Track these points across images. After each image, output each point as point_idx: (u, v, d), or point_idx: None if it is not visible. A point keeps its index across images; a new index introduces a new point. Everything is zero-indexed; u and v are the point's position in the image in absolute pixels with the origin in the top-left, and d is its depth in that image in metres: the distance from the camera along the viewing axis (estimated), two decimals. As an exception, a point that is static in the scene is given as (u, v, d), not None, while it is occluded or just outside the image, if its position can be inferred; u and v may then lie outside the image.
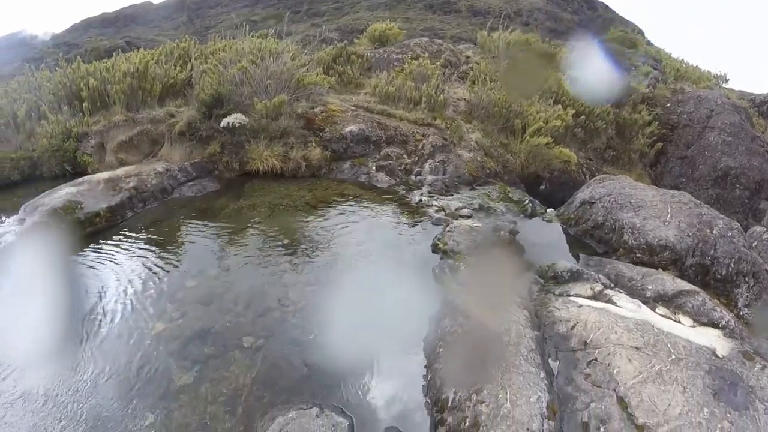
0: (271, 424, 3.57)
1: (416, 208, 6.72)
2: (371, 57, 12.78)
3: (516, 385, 3.79)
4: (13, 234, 6.75)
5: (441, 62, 12.01)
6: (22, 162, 10.58)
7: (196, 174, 8.29)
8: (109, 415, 3.93)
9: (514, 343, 4.23)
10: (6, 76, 19.38)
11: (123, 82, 10.42)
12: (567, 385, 4.03)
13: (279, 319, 4.79)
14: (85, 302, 5.29)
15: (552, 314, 4.78)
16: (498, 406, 3.59)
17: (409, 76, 10.44)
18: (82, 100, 10.98)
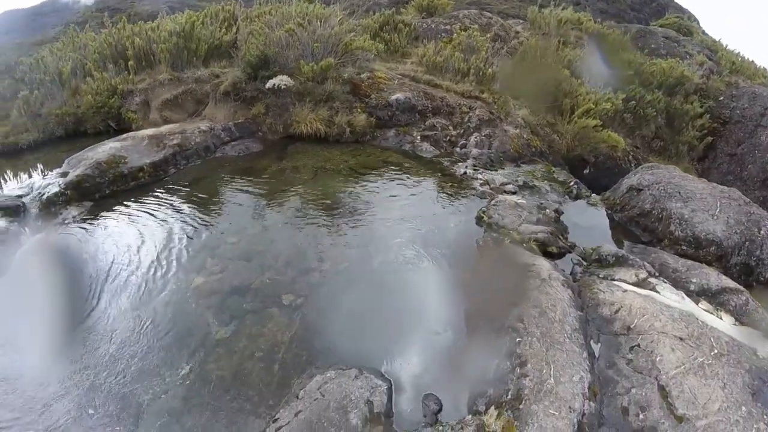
0: (309, 382, 3.57)
1: (460, 180, 6.62)
2: (418, 26, 12.56)
3: (560, 363, 3.73)
4: (57, 185, 6.86)
5: (490, 35, 11.73)
6: (67, 118, 10.82)
7: (240, 134, 8.33)
8: (146, 362, 4.01)
9: (559, 320, 4.16)
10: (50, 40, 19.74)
11: (169, 42, 10.50)
12: (608, 369, 3.95)
13: (319, 279, 4.78)
14: (125, 253, 5.40)
15: (596, 296, 4.68)
16: (541, 381, 3.54)
17: (458, 47, 10.23)
18: (127, 59, 11.12)
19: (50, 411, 3.60)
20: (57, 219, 6.47)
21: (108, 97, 10.37)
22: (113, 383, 3.83)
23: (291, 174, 7.00)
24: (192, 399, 3.66)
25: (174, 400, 3.66)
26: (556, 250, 5.40)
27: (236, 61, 10.09)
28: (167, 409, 3.59)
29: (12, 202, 6.58)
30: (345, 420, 3.20)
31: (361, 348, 3.98)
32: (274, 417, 3.36)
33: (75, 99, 10.94)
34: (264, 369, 3.86)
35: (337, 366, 3.71)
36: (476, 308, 4.40)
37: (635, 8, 34.55)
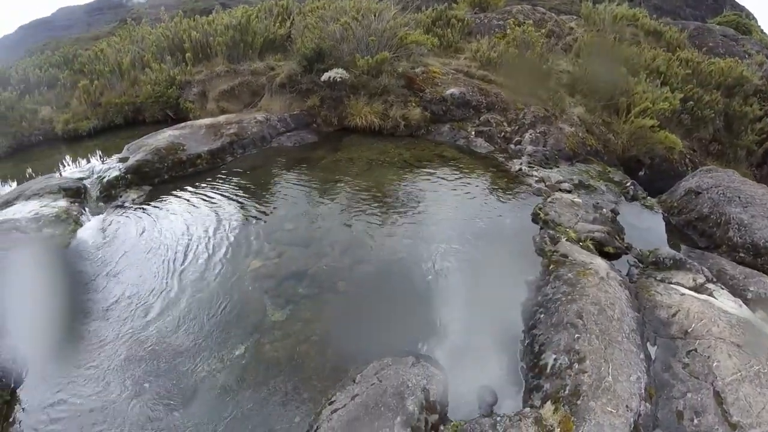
0: (365, 367, 3.64)
1: (515, 177, 6.59)
2: (471, 21, 12.50)
3: (618, 361, 3.70)
4: (117, 170, 7.15)
5: (545, 31, 11.59)
6: (126, 107, 11.29)
7: (295, 125, 8.50)
8: (202, 340, 4.15)
9: (617, 318, 4.12)
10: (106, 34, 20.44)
11: (225, 35, 10.80)
12: (664, 372, 3.90)
13: (375, 268, 4.85)
14: (183, 235, 5.61)
15: (653, 299, 4.61)
16: (600, 378, 3.52)
17: (512, 42, 10.15)
18: (184, 51, 11.51)
19: (106, 384, 3.75)
20: (116, 201, 6.74)
21: (166, 87, 10.75)
22: (170, 358, 3.98)
23: (346, 165, 7.10)
24: (247, 378, 3.77)
25: (229, 378, 3.77)
26: (612, 251, 5.33)
27: (291, 54, 10.30)
28: (222, 386, 3.70)
29: (73, 184, 6.89)
30: (402, 406, 3.24)
31: (417, 337, 4.02)
32: (329, 399, 3.43)
33: (134, 89, 11.39)
34: (318, 353, 3.94)
35: (394, 353, 3.76)
36: (532, 303, 4.41)
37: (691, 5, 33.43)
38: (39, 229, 5.91)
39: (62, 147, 10.84)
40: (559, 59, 10.98)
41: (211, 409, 3.54)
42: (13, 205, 6.54)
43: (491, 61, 9.65)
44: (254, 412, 3.50)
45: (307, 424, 3.31)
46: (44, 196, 6.65)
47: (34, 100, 12.10)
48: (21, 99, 11.83)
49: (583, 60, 10.46)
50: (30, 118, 11.39)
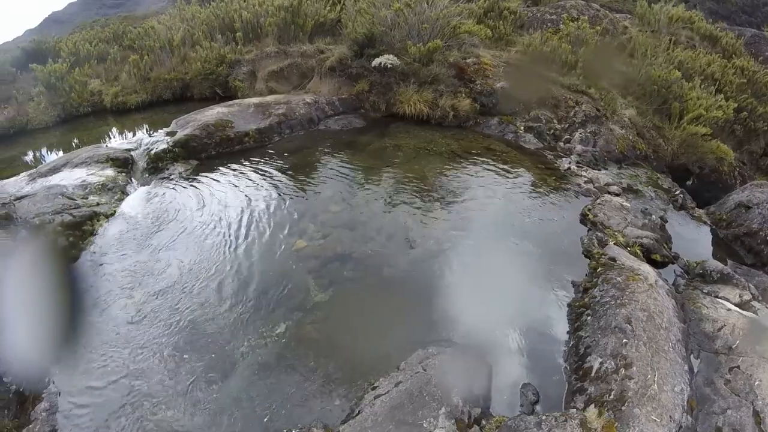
0: (409, 355, 3.63)
1: (563, 175, 6.47)
2: (524, 14, 12.26)
3: (663, 370, 3.63)
4: (165, 143, 7.24)
5: (599, 29, 11.30)
6: (175, 83, 11.49)
7: (343, 109, 8.50)
8: (244, 315, 4.19)
9: (665, 327, 4.04)
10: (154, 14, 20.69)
11: (276, 16, 10.84)
12: (706, 386, 3.83)
13: (420, 256, 4.82)
14: (228, 210, 5.67)
15: (699, 311, 4.51)
16: (646, 386, 3.46)
17: (566, 38, 9.92)
18: (234, 31, 11.63)
19: (142, 352, 3.82)
20: (163, 174, 6.82)
21: (216, 65, 10.88)
22: (211, 331, 4.02)
23: (393, 152, 7.08)
24: (286, 357, 3.79)
25: (269, 355, 3.80)
26: (660, 259, 5.21)
27: (340, 38, 10.28)
28: (261, 363, 3.73)
29: (121, 155, 7.01)
30: (446, 397, 3.23)
31: (459, 329, 3.98)
32: (372, 384, 3.43)
33: (183, 66, 11.56)
34: (360, 336, 3.96)
35: (438, 343, 3.76)
36: (579, 304, 4.33)
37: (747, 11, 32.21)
38: (85, 196, 6.03)
39: (110, 119, 11.08)
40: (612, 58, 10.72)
41: (250, 386, 3.57)
42: (60, 172, 6.66)
43: (543, 56, 9.45)
44: (293, 392, 3.51)
45: (348, 407, 3.32)
46: (92, 164, 6.77)
47: (83, 73, 12.37)
48: (71, 71, 12.08)
49: (638, 60, 10.17)
50: (79, 90, 11.64)
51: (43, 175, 6.64)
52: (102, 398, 3.52)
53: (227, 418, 3.33)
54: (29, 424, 3.39)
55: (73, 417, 3.42)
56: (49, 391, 3.62)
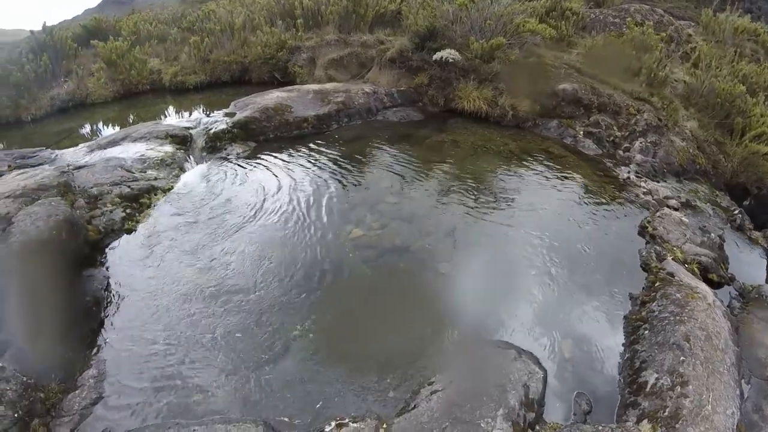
0: (467, 352, 3.65)
1: (622, 185, 6.30)
2: (586, 16, 11.94)
3: (718, 392, 3.54)
4: (224, 123, 7.34)
5: (664, 36, 10.92)
6: (234, 65, 11.67)
7: (401, 101, 8.48)
8: (299, 298, 4.21)
9: (721, 349, 3.92)
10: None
11: (338, 4, 10.87)
12: (754, 413, 3.74)
13: (478, 253, 4.77)
14: (285, 194, 5.71)
15: (753, 336, 4.40)
16: (700, 406, 3.37)
17: (629, 43, 9.63)
18: (295, 17, 11.69)
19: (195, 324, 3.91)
20: (221, 153, 6.92)
21: (276, 50, 10.99)
22: (263, 312, 4.05)
23: (451, 147, 7.03)
24: (339, 345, 3.79)
25: (321, 341, 3.81)
26: (716, 279, 5.03)
27: (400, 30, 10.23)
28: (314, 349, 3.74)
29: (180, 132, 7.13)
30: (504, 398, 3.20)
31: (515, 332, 3.94)
32: (429, 380, 3.42)
33: (242, 49, 11.72)
34: (416, 330, 3.91)
35: (496, 343, 3.73)
36: (636, 317, 4.24)
37: (814, 25, 30.69)
38: (144, 170, 6.15)
39: (168, 97, 11.33)
40: (676, 67, 10.36)
41: (301, 370, 3.57)
42: (119, 145, 6.82)
43: (606, 60, 9.17)
44: (346, 380, 3.50)
45: (403, 400, 3.31)
46: (151, 140, 6.91)
47: (144, 52, 12.67)
48: (131, 49, 12.37)
49: (702, 71, 9.80)
50: (139, 68, 11.93)
51: (102, 147, 6.81)
52: (150, 368, 3.58)
53: (279, 401, 3.34)
54: (75, 389, 3.44)
55: (121, 387, 3.47)
56: (98, 359, 3.69)
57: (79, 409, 3.30)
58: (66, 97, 11.32)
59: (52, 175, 5.55)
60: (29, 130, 10.34)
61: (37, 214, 4.59)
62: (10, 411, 3.10)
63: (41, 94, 11.34)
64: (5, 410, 3.09)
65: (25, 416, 3.17)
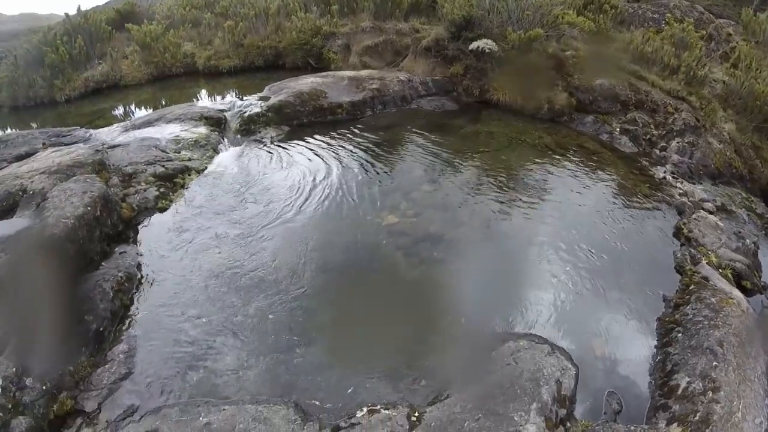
0: (500, 346, 3.58)
1: (658, 185, 6.16)
2: (624, 10, 11.64)
3: (748, 400, 3.47)
4: (258, 107, 7.36)
5: (704, 34, 10.60)
6: (268, 50, 11.70)
7: (436, 90, 8.40)
8: (330, 286, 4.20)
9: (753, 357, 3.84)
10: None
11: (374, -9, 10.73)
12: None
13: (514, 247, 4.72)
14: (319, 178, 5.71)
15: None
16: (731, 412, 3.31)
17: (669, 39, 9.37)
18: (329, 3, 11.61)
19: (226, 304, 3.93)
20: (255, 136, 6.95)
21: (311, 36, 10.97)
22: (295, 296, 4.05)
23: (485, 138, 6.95)
24: (371, 331, 3.78)
25: (352, 326, 3.83)
26: (749, 286, 4.90)
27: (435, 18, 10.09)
28: (345, 333, 3.76)
29: (215, 114, 7.18)
30: (537, 393, 3.18)
31: (548, 326, 3.90)
32: (462, 370, 3.40)
33: (277, 34, 11.73)
34: (449, 319, 3.87)
35: (529, 337, 3.69)
36: (669, 319, 4.16)
37: None
38: (178, 150, 6.20)
39: (201, 81, 11.43)
40: (715, 67, 10.07)
41: (332, 355, 3.56)
42: (154, 126, 6.89)
43: (644, 56, 8.97)
44: (377, 367, 3.48)
45: (435, 390, 3.29)
46: (185, 121, 6.96)
47: (177, 35, 12.73)
48: (165, 33, 12.44)
49: (741, 72, 9.50)
50: (173, 51, 12.02)
51: (137, 127, 6.89)
52: (180, 346, 3.61)
53: (309, 384, 3.34)
54: (105, 364, 3.48)
55: (150, 363, 3.50)
56: (128, 334, 3.74)
57: (108, 384, 3.33)
58: (100, 78, 11.49)
59: (87, 153, 5.65)
60: (63, 110, 10.54)
61: (72, 190, 4.68)
62: (38, 383, 3.14)
63: (75, 75, 11.52)
64: (33, 382, 3.13)
65: (54, 389, 3.20)
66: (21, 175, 5.06)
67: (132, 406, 3.18)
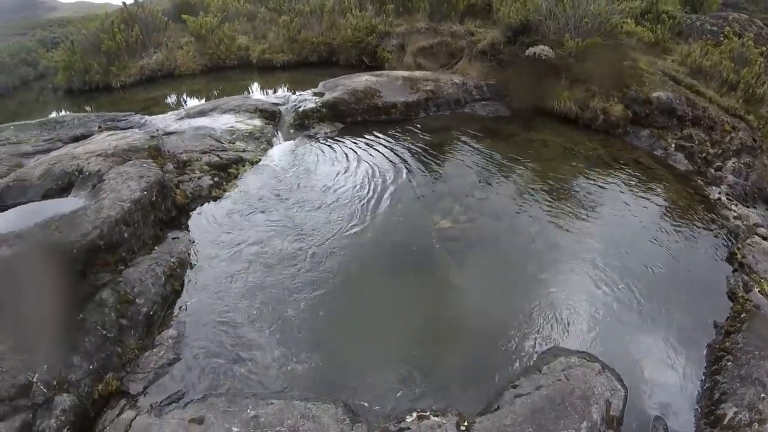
0: (552, 361, 3.53)
1: (713, 206, 5.93)
2: (682, 21, 11.22)
3: (793, 433, 3.35)
4: (313, 102, 7.39)
5: (764, 50, 10.13)
6: (322, 47, 11.77)
7: (490, 95, 8.29)
8: (380, 286, 4.22)
9: (804, 391, 3.70)
10: None
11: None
12: None
13: (567, 260, 4.60)
14: (373, 177, 5.70)
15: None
16: (776, 445, 3.22)
17: (728, 54, 9.00)
18: (384, 3, 11.53)
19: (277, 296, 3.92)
20: (309, 131, 6.98)
21: (366, 34, 10.98)
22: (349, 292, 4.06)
23: (539, 147, 6.82)
24: (421, 335, 3.75)
25: (404, 329, 3.78)
26: (801, 320, 4.73)
27: (489, 22, 9.96)
28: (396, 336, 3.72)
29: (270, 108, 7.26)
30: (587, 411, 3.12)
31: (597, 343, 3.79)
32: (513, 383, 3.35)
33: (331, 31, 11.76)
34: (500, 329, 3.81)
35: (581, 354, 3.62)
36: (721, 347, 4.03)
37: None
38: (233, 141, 6.27)
39: (254, 74, 11.58)
40: None
41: (382, 356, 3.56)
42: (208, 116, 6.99)
43: (702, 70, 8.65)
44: (426, 373, 3.45)
45: (485, 400, 3.25)
46: (240, 113, 7.04)
47: (232, 28, 12.90)
48: (221, 25, 12.61)
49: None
50: (228, 43, 12.20)
51: (191, 116, 7.01)
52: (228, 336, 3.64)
53: (358, 384, 3.33)
54: (153, 347, 3.51)
55: (198, 351, 3.52)
56: (178, 320, 3.77)
57: (155, 368, 3.35)
58: (155, 67, 11.80)
59: (143, 138, 5.76)
60: (117, 96, 10.85)
61: (128, 174, 4.76)
62: (85, 362, 3.19)
63: (131, 62, 11.86)
64: (81, 361, 3.17)
65: (100, 369, 3.23)
66: (77, 156, 5.17)
67: (178, 391, 3.20)
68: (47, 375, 2.99)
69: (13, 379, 2.92)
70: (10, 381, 2.91)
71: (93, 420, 3.05)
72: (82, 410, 3.01)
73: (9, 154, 5.67)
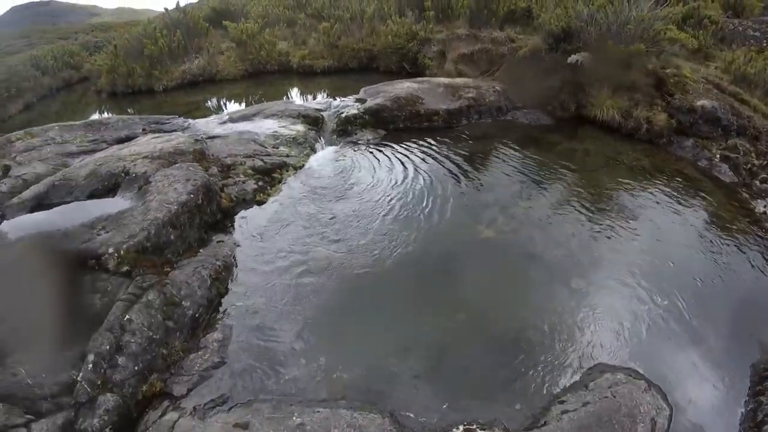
0: (598, 377, 3.50)
1: (758, 220, 5.75)
2: (725, 26, 10.86)
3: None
4: (355, 109, 7.43)
5: (813, 55, 9.74)
6: (362, 53, 11.80)
7: (531, 103, 8.20)
8: (423, 297, 4.17)
9: None
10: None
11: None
12: None
13: (611, 275, 4.53)
14: (416, 184, 5.72)
15: None
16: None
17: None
18: (424, 9, 11.52)
19: (321, 304, 3.97)
20: (351, 138, 7.02)
21: (407, 40, 10.98)
22: (392, 302, 4.09)
23: (582, 156, 6.72)
24: (466, 346, 3.73)
25: (448, 340, 3.77)
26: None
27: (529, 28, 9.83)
28: (441, 347, 3.70)
29: (313, 113, 7.32)
30: (634, 430, 3.11)
31: (642, 360, 3.73)
32: (559, 398, 3.34)
33: (371, 38, 11.79)
34: (546, 343, 3.80)
35: (627, 371, 3.59)
36: (765, 367, 3.91)
37: None
38: (276, 146, 6.29)
39: (294, 79, 11.68)
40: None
41: (427, 367, 3.54)
42: (251, 121, 7.06)
43: (746, 78, 8.39)
44: (472, 385, 3.45)
45: (531, 415, 3.24)
46: (283, 118, 7.09)
47: (273, 34, 13.05)
48: (261, 31, 12.77)
49: None
50: (268, 49, 12.34)
51: (234, 120, 7.10)
52: (273, 342, 3.67)
53: (404, 395, 3.32)
54: (198, 350, 3.51)
55: (243, 355, 3.54)
56: (223, 323, 3.78)
57: (199, 371, 3.36)
58: (196, 71, 12.04)
59: (188, 141, 5.81)
60: (160, 99, 11.08)
61: (174, 176, 4.80)
62: (131, 363, 3.20)
63: (173, 67, 12.12)
64: (126, 361, 3.18)
65: (145, 370, 3.25)
66: (123, 158, 5.23)
67: (222, 395, 3.20)
68: (92, 374, 3.03)
69: (56, 377, 2.99)
70: (54, 379, 2.98)
71: (135, 421, 3.08)
72: (125, 410, 3.05)
73: (55, 153, 5.80)
